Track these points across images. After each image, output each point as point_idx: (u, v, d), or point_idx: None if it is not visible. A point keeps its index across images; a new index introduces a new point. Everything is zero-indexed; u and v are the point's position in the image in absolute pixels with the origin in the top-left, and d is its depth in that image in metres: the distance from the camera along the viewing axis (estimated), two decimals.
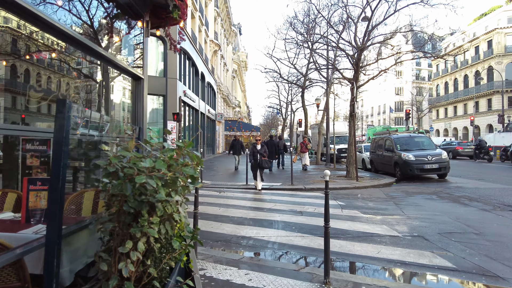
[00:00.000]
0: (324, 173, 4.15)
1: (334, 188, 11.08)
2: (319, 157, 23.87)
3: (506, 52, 46.15)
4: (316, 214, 7.27)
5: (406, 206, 8.07)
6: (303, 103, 28.04)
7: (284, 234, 5.81)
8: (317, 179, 13.45)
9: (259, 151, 10.47)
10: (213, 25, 35.03)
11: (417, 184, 12.46)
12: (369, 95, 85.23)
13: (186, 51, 22.24)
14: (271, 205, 8.28)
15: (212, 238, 5.66)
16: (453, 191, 10.19)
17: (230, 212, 7.55)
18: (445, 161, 13.37)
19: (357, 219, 6.79)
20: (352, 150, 13.54)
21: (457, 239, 5.45)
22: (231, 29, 52.61)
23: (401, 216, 7.07)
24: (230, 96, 52.05)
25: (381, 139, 16.36)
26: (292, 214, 7.25)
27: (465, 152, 27.92)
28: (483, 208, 7.70)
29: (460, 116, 53.26)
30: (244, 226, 6.31)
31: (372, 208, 7.96)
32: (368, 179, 13.42)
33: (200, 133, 28.28)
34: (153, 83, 19.01)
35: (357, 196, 9.78)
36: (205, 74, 29.22)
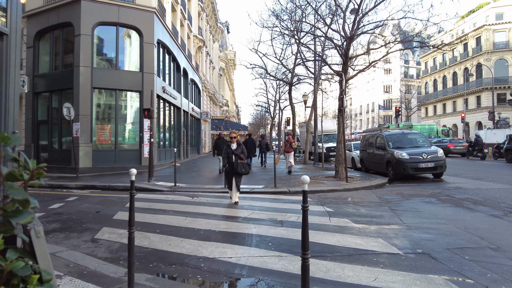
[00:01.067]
0: (302, 179, 2.98)
1: (322, 190, 9.97)
2: (307, 156, 22.83)
3: (495, 48, 45.78)
4: (298, 224, 6.12)
5: (404, 212, 6.98)
6: (290, 100, 26.95)
7: (257, 254, 4.64)
8: None
9: (234, 152, 8.14)
10: (197, 20, 33.72)
11: (412, 184, 11.42)
12: (358, 93, 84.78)
13: (165, 45, 20.93)
14: (247, 213, 7.11)
15: (165, 261, 4.47)
16: (453, 193, 9.15)
17: (198, 223, 6.36)
18: (441, 159, 12.37)
19: (348, 231, 5.66)
20: (341, 148, 12.45)
21: (471, 257, 4.35)
22: (217, 26, 51.30)
23: (399, 225, 5.96)
24: (217, 94, 50.74)
25: (372, 137, 15.33)
26: (270, 225, 6.09)
27: (457, 149, 27.16)
28: (492, 213, 6.65)
29: (449, 113, 52.83)
30: (210, 243, 5.12)
31: (365, 215, 6.85)
32: (358, 179, 12.35)
33: (184, 132, 26.99)
34: (127, 78, 17.69)
35: (347, 200, 8.67)
36: (188, 71, 27.90)
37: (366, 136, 16.27)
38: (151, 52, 18.18)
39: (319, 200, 8.57)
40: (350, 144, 20.02)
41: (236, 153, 8.11)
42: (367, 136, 16.09)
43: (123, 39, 18.11)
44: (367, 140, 15.72)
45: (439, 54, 57.46)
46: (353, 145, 19.34)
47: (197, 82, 33.06)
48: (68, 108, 14.96)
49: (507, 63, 45.22)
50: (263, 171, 17.10)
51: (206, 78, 39.89)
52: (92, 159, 16.62)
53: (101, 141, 17.39)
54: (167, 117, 22.44)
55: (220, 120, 44.13)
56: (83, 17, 16.53)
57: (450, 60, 53.49)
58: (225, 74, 63.39)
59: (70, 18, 16.96)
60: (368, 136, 15.86)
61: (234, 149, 8.18)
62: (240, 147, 8.29)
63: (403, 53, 76.49)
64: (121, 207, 8.16)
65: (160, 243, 5.22)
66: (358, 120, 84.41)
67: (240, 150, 8.18)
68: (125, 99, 18.46)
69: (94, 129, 17.00)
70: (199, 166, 20.47)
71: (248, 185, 11.26)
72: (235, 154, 8.09)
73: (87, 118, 16.54)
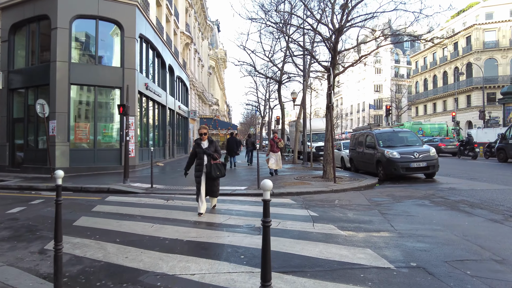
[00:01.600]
0: (263, 185, 2.32)
1: (308, 192, 9.31)
2: (296, 156, 22.23)
3: (485, 48, 45.73)
4: (278, 231, 5.45)
5: (395, 217, 6.35)
6: (279, 99, 26.35)
7: (225, 269, 3.96)
8: (289, 181, 11.68)
9: (206, 151, 6.75)
10: (184, 17, 32.90)
11: (403, 185, 10.84)
12: (349, 92, 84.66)
13: (149, 40, 20.11)
14: (223, 218, 6.41)
15: (116, 279, 3.77)
16: (447, 195, 8.57)
17: (165, 230, 5.65)
18: (433, 158, 11.82)
19: (333, 239, 5.00)
20: (329, 147, 11.81)
21: (474, 271, 3.73)
22: (207, 24, 50.46)
23: (391, 232, 5.33)
24: (206, 93, 49.88)
25: (362, 135, 14.73)
26: (247, 233, 5.40)
27: (448, 149, 26.77)
28: (492, 218, 6.06)
29: (439, 113, 52.72)
30: (173, 256, 4.42)
31: (353, 220, 6.20)
32: (347, 180, 11.73)
33: (169, 131, 26.19)
34: (107, 73, 16.87)
35: (334, 202, 8.01)
36: (174, 68, 27.07)
37: (355, 135, 15.67)
38: (132, 47, 17.37)
39: (304, 203, 7.91)
40: (339, 143, 19.46)
41: (209, 152, 6.74)
42: (357, 134, 15.49)
43: (103, 33, 17.25)
44: (357, 139, 15.13)
45: (430, 53, 57.41)
46: (342, 144, 18.75)
47: (185, 80, 32.23)
48: (41, 104, 14.12)
49: (497, 63, 45.19)
50: (249, 170, 16.45)
51: (194, 76, 39.07)
52: (70, 159, 15.79)
53: (79, 140, 16.56)
54: (150, 115, 21.63)
55: (209, 119, 43.27)
56: (60, 10, 15.69)
57: (441, 60, 53.41)
58: (215, 72, 62.52)
59: (46, 11, 16.11)
60: (358, 135, 15.27)
61: (206, 147, 6.82)
62: (213, 144, 6.91)
63: (393, 53, 76.50)
64: (86, 211, 7.41)
65: (117, 255, 4.51)
66: (348, 119, 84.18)
67: (213, 149, 6.84)
68: (105, 96, 17.64)
69: (72, 127, 16.18)
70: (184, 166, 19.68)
71: (230, 187, 10.58)
72: (207, 154, 6.75)
73: (64, 116, 15.71)
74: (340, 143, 19.34)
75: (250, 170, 15.95)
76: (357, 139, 15.14)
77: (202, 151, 6.78)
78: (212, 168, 6.73)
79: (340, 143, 19.34)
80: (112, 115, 17.51)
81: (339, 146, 18.92)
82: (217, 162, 6.84)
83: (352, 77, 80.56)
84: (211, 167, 6.72)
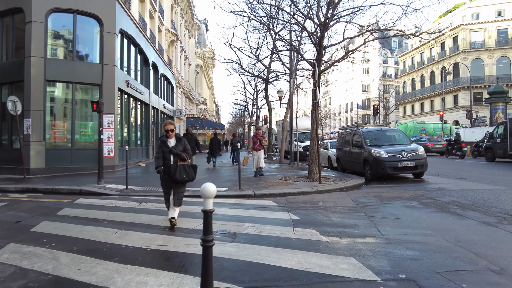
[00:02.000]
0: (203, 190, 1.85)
1: (291, 193, 8.83)
2: (283, 155, 21.78)
3: (471, 48, 46.00)
4: (255, 237, 4.95)
5: (382, 220, 5.90)
6: (266, 98, 25.88)
7: (188, 284, 3.44)
8: (273, 181, 11.18)
9: (172, 150, 5.74)
10: (169, 13, 32.18)
11: (391, 185, 10.44)
12: (337, 92, 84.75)
13: (131, 36, 19.42)
14: (197, 223, 5.87)
15: None
16: (437, 195, 8.17)
17: (129, 237, 5.10)
18: (422, 157, 11.46)
19: (313, 246, 4.51)
20: (315, 145, 11.36)
21: (470, 285, 3.27)
22: (194, 22, 49.75)
23: (377, 238, 4.86)
24: (193, 92, 49.14)
25: (348, 134, 14.33)
26: (219, 240, 4.87)
27: (436, 148, 26.66)
28: (485, 220, 5.65)
29: (427, 112, 52.93)
30: (132, 268, 3.88)
31: (336, 224, 5.73)
32: (333, 180, 11.29)
33: (153, 130, 25.50)
34: (85, 70, 16.14)
35: (318, 204, 7.53)
36: (158, 65, 26.36)
37: (342, 134, 15.26)
38: (112, 43, 16.68)
39: (286, 205, 7.42)
40: (326, 142, 19.09)
41: (176, 152, 5.72)
42: (344, 133, 15.08)
43: (81, 28, 16.51)
44: (344, 138, 14.73)
45: (417, 54, 57.65)
46: (329, 143, 18.35)
47: (170, 78, 31.51)
48: (13, 101, 13.36)
49: (483, 63, 45.51)
50: (233, 170, 15.91)
51: (180, 75, 38.35)
52: (45, 159, 15.05)
53: (56, 139, 15.83)
54: (132, 114, 20.93)
55: (195, 118, 42.61)
56: (34, 3, 14.94)
57: (428, 59, 53.64)
58: (203, 72, 61.73)
59: (20, 3, 15.33)
60: (345, 134, 14.86)
61: (172, 146, 5.77)
62: (181, 143, 5.88)
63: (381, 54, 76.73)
64: (50, 215, 6.80)
65: (69, 267, 3.95)
66: (337, 119, 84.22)
67: (181, 148, 5.81)
68: (83, 93, 16.93)
69: (48, 125, 15.44)
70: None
71: None
72: (174, 154, 5.73)
73: (39, 114, 14.98)
74: (327, 142, 18.96)
75: (234, 170, 15.43)
76: (344, 138, 14.74)
77: (168, 150, 5.75)
78: (177, 170, 5.61)
79: (327, 142, 18.96)
80: (91, 113, 16.78)
81: (326, 145, 18.53)
82: (185, 163, 5.77)
83: (340, 77, 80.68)
84: (176, 169, 5.61)
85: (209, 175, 14.40)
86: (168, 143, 5.81)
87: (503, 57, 45.20)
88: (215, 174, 14.83)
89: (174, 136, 5.90)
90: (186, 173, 5.66)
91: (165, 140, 5.85)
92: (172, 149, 5.74)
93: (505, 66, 44.99)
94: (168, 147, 5.76)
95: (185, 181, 5.69)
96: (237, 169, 14.45)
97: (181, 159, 5.72)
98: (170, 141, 5.85)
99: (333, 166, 16.41)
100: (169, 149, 5.75)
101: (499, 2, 46.13)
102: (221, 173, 15.03)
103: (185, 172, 5.66)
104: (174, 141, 5.86)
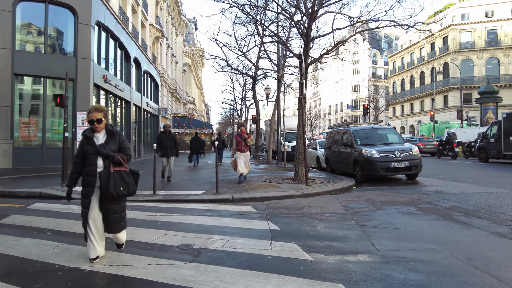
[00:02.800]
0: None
1: (274, 197, 7.91)
2: (270, 156, 20.89)
3: (461, 48, 45.76)
4: (222, 255, 4.01)
5: (377, 231, 5.02)
6: (254, 96, 25.03)
7: None
8: (256, 183, 10.26)
9: (100, 150, 3.79)
10: (154, 9, 31.10)
11: (383, 188, 9.60)
12: (327, 93, 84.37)
13: (109, 29, 18.33)
14: (157, 235, 4.92)
15: None
16: (435, 199, 7.34)
17: (69, 253, 4.13)
18: (416, 158, 10.65)
19: (293, 267, 3.60)
20: (301, 145, 10.47)
21: None
22: (181, 19, 48.60)
23: (371, 255, 3.97)
24: (180, 90, 47.97)
25: (338, 133, 13.48)
26: (176, 259, 3.91)
27: (427, 148, 26.07)
28: (496, 231, 4.80)
29: (416, 113, 52.63)
30: None
31: (323, 236, 4.82)
32: (321, 182, 10.42)
33: (135, 130, 24.41)
34: (58, 63, 15.00)
35: (303, 210, 6.62)
36: (141, 61, 25.24)
37: (331, 133, 14.41)
38: (87, 35, 15.59)
39: (267, 211, 6.50)
40: (315, 142, 18.27)
41: (106, 153, 3.78)
42: (333, 132, 14.23)
43: (54, 19, 15.39)
44: (333, 137, 13.89)
45: (407, 54, 57.39)
46: (318, 142, 17.51)
47: (154, 75, 30.38)
48: None
49: (473, 63, 45.31)
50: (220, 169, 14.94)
51: (166, 72, 37.22)
52: (13, 159, 13.97)
53: (25, 138, 14.72)
54: (111, 111, 19.83)
55: (182, 118, 41.45)
56: None
57: (418, 60, 53.40)
58: (191, 71, 60.51)
59: None
60: (334, 133, 14.01)
61: (101, 144, 3.84)
62: (115, 139, 3.95)
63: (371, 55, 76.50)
64: None
65: None
66: (327, 120, 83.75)
67: (114, 146, 3.91)
68: (55, 89, 15.80)
69: (16, 123, 14.36)
70: (148, 167, 18.02)
71: (186, 191, 9.07)
72: (104, 155, 3.79)
73: (6, 110, 13.90)
74: (315, 142, 18.14)
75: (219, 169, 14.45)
76: (333, 137, 13.90)
77: (93, 150, 3.80)
78: (110, 179, 3.77)
79: (315, 142, 18.14)
80: (63, 110, 15.66)
81: (315, 145, 17.71)
82: (122, 169, 3.92)
83: (330, 77, 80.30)
84: (108, 178, 3.76)
85: (189, 176, 13.43)
86: (94, 140, 3.88)
87: (492, 57, 45.07)
88: (195, 174, 13.87)
89: (105, 129, 3.98)
90: (124, 184, 3.87)
91: (89, 135, 3.88)
92: (100, 148, 3.79)
93: (494, 67, 44.85)
94: (94, 146, 3.82)
95: (122, 195, 3.87)
96: (220, 169, 13.45)
97: (115, 163, 3.87)
98: (98, 136, 3.92)
99: (322, 167, 15.58)
100: (95, 148, 3.81)
101: (488, 3, 46.02)
102: (202, 173, 14.08)
103: (122, 182, 3.86)
104: (103, 136, 3.94)
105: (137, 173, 4.13)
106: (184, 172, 14.62)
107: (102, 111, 3.94)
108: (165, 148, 11.42)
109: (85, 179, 3.83)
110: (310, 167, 15.26)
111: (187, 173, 14.62)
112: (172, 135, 11.84)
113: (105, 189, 3.76)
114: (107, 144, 3.86)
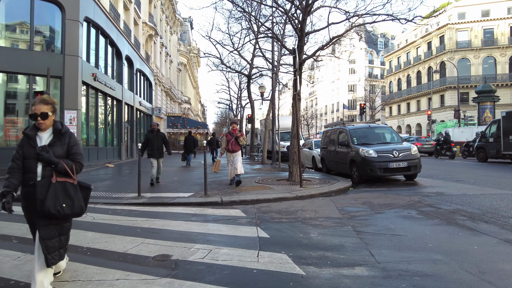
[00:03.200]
0: None
1: (266, 199, 7.43)
2: (265, 155, 20.44)
3: (458, 47, 45.51)
4: (201, 269, 3.55)
5: (376, 238, 4.57)
6: (249, 96, 24.52)
7: None
8: (248, 184, 9.78)
9: (40, 154, 2.86)
10: (147, 6, 30.56)
11: (381, 189, 9.17)
12: (323, 93, 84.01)
13: (99, 26, 17.81)
14: (135, 243, 4.44)
15: None
16: (436, 202, 6.90)
17: (25, 268, 3.67)
18: (415, 158, 10.22)
19: (280, 285, 3.11)
20: (295, 144, 10.01)
21: None
22: (176, 17, 48.06)
23: (371, 268, 3.51)
24: (175, 90, 47.39)
25: (334, 132, 13.05)
26: (149, 273, 3.44)
27: (424, 148, 25.70)
28: (507, 238, 4.36)
29: (413, 112, 52.36)
30: None
31: (316, 244, 4.36)
32: (316, 183, 9.97)
33: (127, 129, 23.87)
34: (44, 60, 14.46)
35: (296, 215, 6.16)
36: (133, 60, 24.72)
37: (327, 132, 13.96)
38: (75, 31, 15.10)
39: (257, 216, 6.03)
40: (310, 142, 17.83)
41: (47, 158, 2.87)
42: (329, 131, 13.79)
43: (40, 14, 14.85)
44: (329, 136, 13.45)
45: (404, 53, 57.11)
46: (313, 142, 17.06)
47: (148, 74, 29.85)
48: None
49: (469, 63, 45.07)
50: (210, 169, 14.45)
51: (160, 71, 36.67)
52: None
53: (9, 137, 14.18)
54: (102, 110, 19.33)
55: (177, 117, 40.88)
56: None
57: (414, 59, 53.12)
58: (186, 70, 59.87)
59: None
60: (330, 132, 13.57)
61: (43, 146, 2.94)
62: (62, 141, 3.06)
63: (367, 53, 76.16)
64: None
65: None
66: (323, 120, 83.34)
67: (61, 150, 3.03)
68: (42, 87, 15.27)
69: (0, 122, 13.84)
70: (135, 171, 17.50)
71: (173, 193, 8.58)
72: (45, 160, 2.89)
73: None
74: (311, 142, 17.71)
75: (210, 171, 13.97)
76: (329, 136, 13.46)
77: (33, 153, 2.92)
78: (49, 192, 2.86)
79: (311, 142, 17.71)
80: None
81: (310, 144, 17.27)
82: (68, 180, 2.99)
83: (326, 77, 79.94)
84: (47, 191, 2.85)
85: (179, 176, 12.94)
86: (35, 140, 3.01)
87: (488, 57, 44.83)
88: (186, 175, 13.38)
89: (52, 127, 3.09)
90: (68, 199, 2.92)
91: (31, 134, 3.02)
92: (41, 151, 2.89)
93: (490, 66, 44.63)
94: (36, 147, 2.95)
95: (64, 215, 2.90)
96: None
97: (58, 172, 2.95)
98: (42, 136, 3.04)
99: (318, 167, 15.14)
100: (35, 151, 2.92)
101: (485, 2, 45.79)
102: (194, 174, 13.59)
103: (66, 197, 2.91)
104: (49, 136, 3.06)
105: (88, 187, 3.16)
106: (175, 173, 14.14)
107: (50, 103, 3.06)
108: (153, 148, 10.71)
109: (24, 191, 2.98)
110: (306, 168, 14.82)
111: (178, 173, 14.14)
112: (161, 134, 11.10)
113: (40, 204, 2.80)
114: (51, 147, 2.96)
